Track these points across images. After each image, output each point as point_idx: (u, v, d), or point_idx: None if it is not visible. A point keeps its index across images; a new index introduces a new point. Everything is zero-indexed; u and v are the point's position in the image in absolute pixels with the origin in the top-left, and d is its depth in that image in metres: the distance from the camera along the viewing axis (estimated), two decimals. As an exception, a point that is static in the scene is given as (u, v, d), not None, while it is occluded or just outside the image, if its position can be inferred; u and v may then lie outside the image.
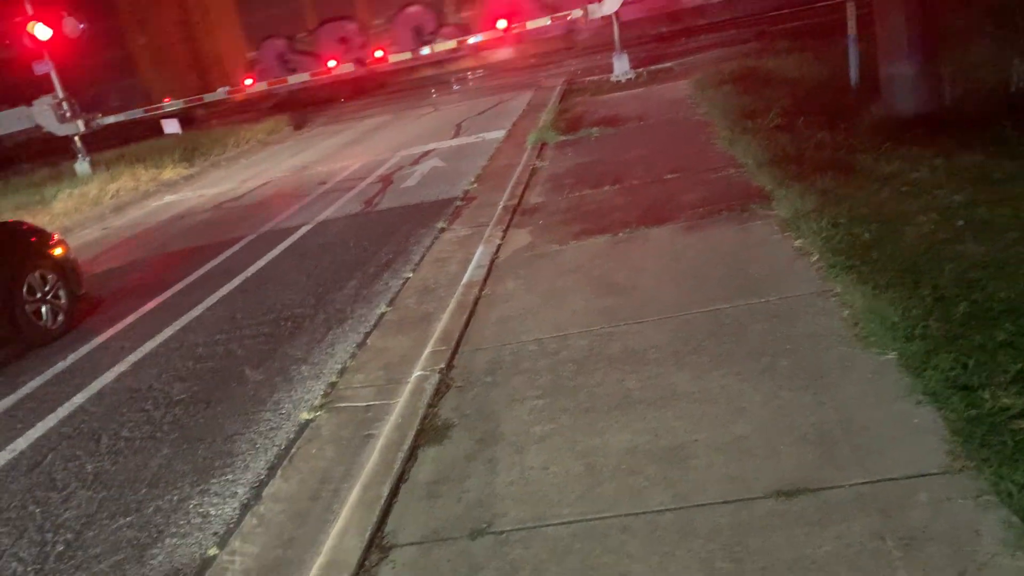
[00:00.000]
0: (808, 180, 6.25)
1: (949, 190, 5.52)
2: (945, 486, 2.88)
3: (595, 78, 17.41)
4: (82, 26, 17.41)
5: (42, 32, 16.97)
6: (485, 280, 6.26)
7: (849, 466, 3.13)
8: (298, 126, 21.64)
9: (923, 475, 2.97)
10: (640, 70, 16.38)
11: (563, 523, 3.22)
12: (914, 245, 4.74)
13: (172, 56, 30.22)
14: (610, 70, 16.62)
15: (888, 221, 5.18)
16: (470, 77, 25.85)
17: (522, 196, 8.65)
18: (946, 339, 3.65)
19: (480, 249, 7.00)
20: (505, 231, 7.47)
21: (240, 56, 30.21)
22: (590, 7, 16.47)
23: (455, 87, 24.00)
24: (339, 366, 5.47)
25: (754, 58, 13.67)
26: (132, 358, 6.50)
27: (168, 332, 6.94)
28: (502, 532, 3.25)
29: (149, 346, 6.69)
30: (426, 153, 13.36)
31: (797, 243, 5.39)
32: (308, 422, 4.75)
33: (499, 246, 7.05)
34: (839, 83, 9.63)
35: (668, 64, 16.91)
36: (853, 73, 9.44)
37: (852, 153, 6.82)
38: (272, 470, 4.34)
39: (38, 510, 4.47)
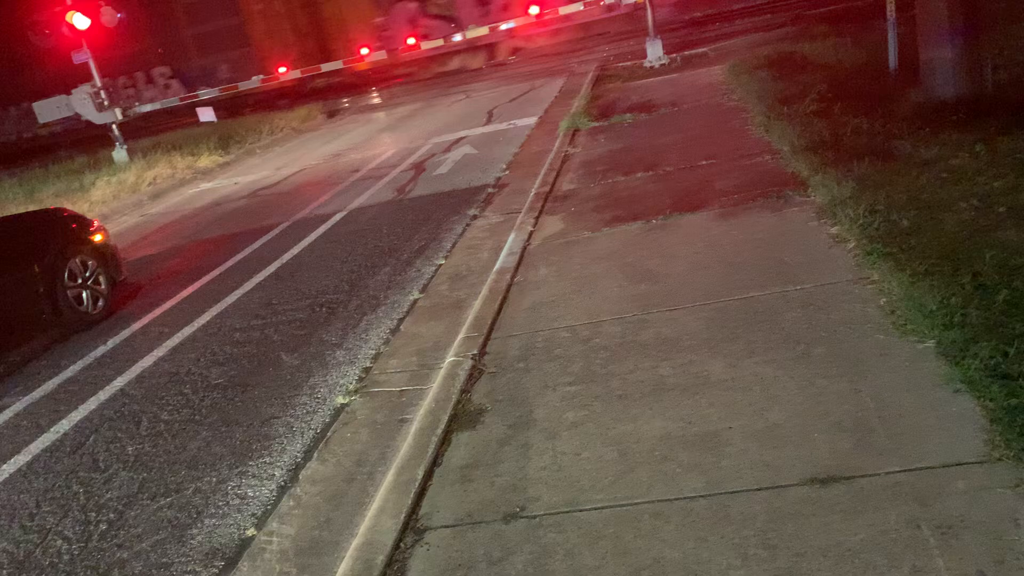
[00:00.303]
0: (845, 166, 6.17)
1: (990, 176, 5.42)
2: (983, 475, 2.85)
3: (628, 64, 17.29)
4: (120, 16, 17.63)
5: (80, 22, 17.22)
6: (517, 267, 6.28)
7: (885, 454, 3.11)
8: (331, 114, 21.77)
9: (960, 464, 2.94)
10: (674, 55, 16.24)
11: (596, 508, 3.24)
12: (954, 232, 4.67)
13: (290, 23, 29.17)
14: (643, 56, 16.50)
15: (927, 208, 5.10)
16: (503, 63, 25.79)
17: (554, 183, 8.64)
18: (986, 327, 3.59)
19: (512, 236, 7.02)
20: (537, 218, 7.47)
21: (365, 22, 28.81)
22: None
23: (487, 73, 23.96)
24: (373, 351, 5.53)
25: (790, 43, 13.48)
26: (171, 343, 6.62)
27: (206, 317, 7.05)
28: (535, 516, 3.28)
29: (187, 331, 6.81)
30: (458, 140, 13.38)
31: (833, 230, 5.34)
32: (343, 406, 4.81)
33: (531, 233, 7.06)
34: (877, 68, 9.46)
35: (702, 49, 16.73)
36: (892, 57, 9.27)
37: (890, 139, 6.71)
38: (308, 453, 4.41)
39: (81, 490, 4.58)
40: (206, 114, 19.18)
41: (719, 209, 6.43)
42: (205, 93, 19.97)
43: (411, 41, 19.71)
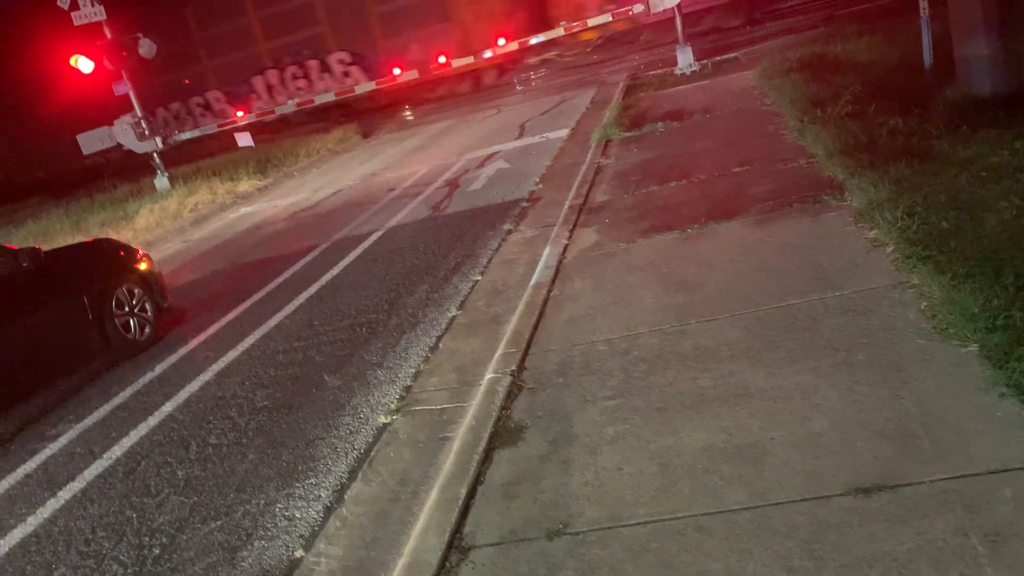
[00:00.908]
0: (881, 168, 6.11)
1: (1031, 173, 5.33)
2: (1032, 481, 2.81)
3: (658, 72, 17.26)
4: (155, 47, 18.08)
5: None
6: (553, 281, 6.31)
7: (930, 461, 3.08)
8: (366, 134, 22.03)
9: (1008, 470, 2.90)
10: (704, 62, 16.17)
11: (639, 523, 3.25)
12: (995, 232, 4.60)
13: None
14: (674, 63, 16.45)
15: (966, 208, 5.03)
16: (533, 77, 25.89)
17: (588, 195, 8.67)
18: (1030, 329, 3.54)
19: (547, 250, 7.05)
20: (572, 231, 7.49)
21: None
22: (652, 0, 16.34)
23: (518, 87, 24.08)
24: (413, 370, 5.60)
25: (822, 44, 13.34)
26: (216, 367, 6.76)
27: (250, 341, 7.18)
28: (578, 533, 3.30)
29: (232, 355, 6.94)
30: (491, 155, 13.47)
31: (871, 234, 5.28)
32: (386, 426, 4.87)
33: (566, 246, 7.08)
34: (912, 66, 9.35)
35: (733, 54, 16.64)
36: (926, 55, 9.16)
37: (927, 138, 6.63)
38: (353, 473, 4.48)
39: (135, 515, 4.70)
40: (244, 139, 19.54)
41: (755, 216, 6.39)
42: (242, 120, 20.33)
43: (442, 59, 19.87)
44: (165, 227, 14.88)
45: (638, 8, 16.79)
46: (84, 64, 17.71)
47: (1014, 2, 7.39)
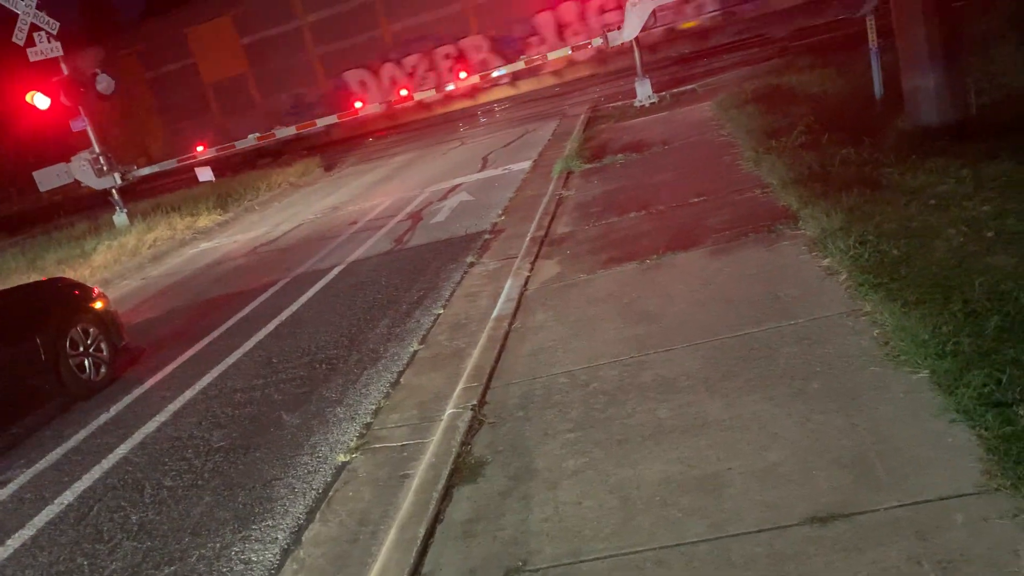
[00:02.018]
0: (834, 198, 6.22)
1: (977, 201, 5.46)
2: (982, 506, 2.84)
3: (618, 104, 17.49)
4: (114, 83, 17.93)
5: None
6: (515, 313, 6.31)
7: (884, 489, 3.10)
8: (328, 167, 21.98)
9: (959, 496, 2.93)
10: (663, 93, 16.43)
11: (598, 558, 3.22)
12: (943, 259, 4.70)
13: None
14: (633, 95, 16.69)
15: (916, 236, 5.14)
16: (496, 109, 26.10)
17: (549, 226, 8.71)
18: (978, 355, 3.61)
19: (509, 282, 7.05)
20: (533, 262, 7.52)
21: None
22: (610, 35, 16.59)
23: (482, 119, 24.24)
24: (373, 406, 5.54)
25: (777, 75, 13.64)
26: (173, 407, 6.64)
27: (207, 379, 7.07)
28: (538, 570, 3.26)
29: (189, 394, 6.82)
30: (454, 187, 13.50)
31: (825, 262, 5.36)
32: (345, 464, 4.81)
33: (528, 278, 7.10)
34: (863, 97, 9.57)
35: (691, 86, 16.93)
36: (877, 86, 9.39)
37: (878, 168, 6.77)
38: (311, 514, 4.40)
39: (86, 563, 4.56)
40: (204, 174, 19.38)
41: (712, 246, 6.47)
42: (202, 155, 20.18)
43: (403, 92, 19.96)
44: (123, 264, 14.66)
45: (597, 42, 17.04)
46: (40, 100, 17.50)
47: (958, 35, 7.62)
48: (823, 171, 7.09)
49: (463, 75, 19.68)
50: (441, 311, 7.11)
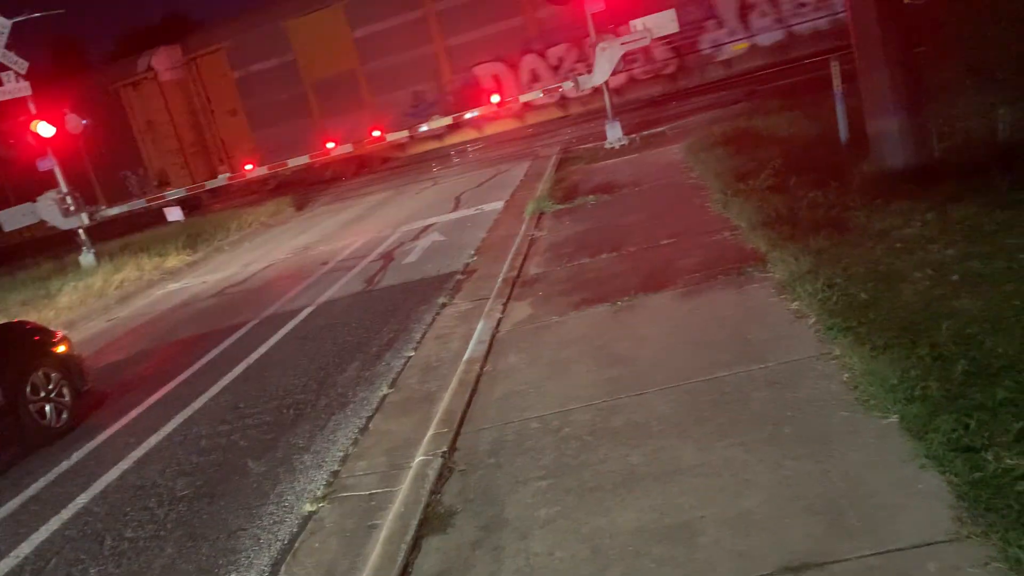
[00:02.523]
0: (802, 240, 6.28)
1: (942, 244, 5.54)
2: (953, 554, 2.83)
3: (589, 146, 17.65)
4: (84, 122, 17.81)
5: (45, 130, 17.39)
6: (487, 356, 6.26)
7: (857, 537, 3.08)
8: (300, 207, 21.91)
9: (931, 543, 2.91)
10: (633, 136, 16.61)
11: (570, 611, 3.16)
12: (910, 303, 4.74)
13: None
14: (603, 137, 16.87)
15: (883, 279, 5.19)
16: (469, 149, 26.24)
17: (521, 267, 8.71)
18: (946, 399, 3.62)
19: (481, 324, 7.02)
20: (506, 304, 7.49)
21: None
22: (580, 78, 16.81)
23: (455, 159, 24.35)
24: (341, 453, 5.44)
25: (745, 118, 13.85)
26: (136, 454, 6.48)
27: (172, 425, 6.92)
28: (508, 624, 3.19)
29: (153, 440, 6.67)
30: (426, 227, 13.50)
31: (794, 305, 5.39)
32: (312, 514, 4.70)
33: (500, 320, 7.07)
34: (829, 140, 9.73)
35: (660, 128, 17.15)
36: (842, 129, 9.55)
37: (845, 211, 6.86)
38: (276, 566, 4.29)
39: (41, 619, 4.40)
40: (173, 214, 19.24)
41: (683, 288, 6.49)
42: (172, 193, 20.06)
43: (376, 133, 20.02)
44: (89, 305, 14.42)
45: (568, 85, 17.25)
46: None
47: (920, 80, 7.79)
48: (791, 214, 7.17)
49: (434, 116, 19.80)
50: (412, 353, 7.05)
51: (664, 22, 15.55)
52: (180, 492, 5.55)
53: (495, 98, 18.97)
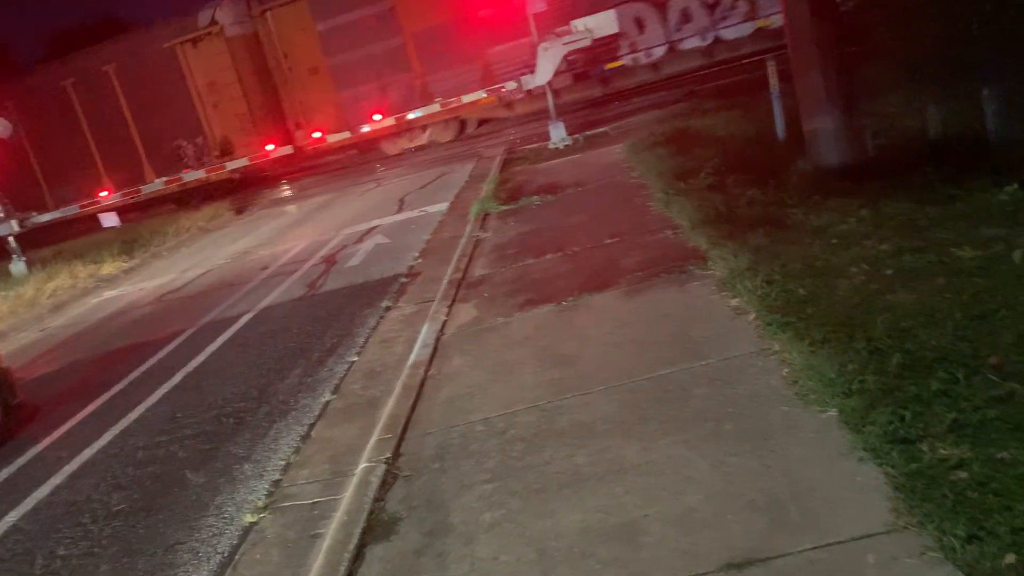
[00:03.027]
0: (741, 238, 6.36)
1: (877, 240, 5.66)
2: (891, 545, 2.87)
3: (533, 146, 17.67)
4: (12, 127, 17.22)
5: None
6: (431, 359, 6.20)
7: (798, 531, 3.11)
8: (240, 210, 21.50)
9: (870, 535, 2.96)
10: (576, 136, 16.67)
11: (516, 616, 3.13)
12: (846, 298, 4.83)
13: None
14: (547, 138, 16.90)
15: (820, 275, 5.27)
16: (413, 150, 26.06)
17: (467, 269, 8.66)
18: (883, 392, 3.69)
19: (426, 327, 6.95)
20: (451, 306, 7.44)
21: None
22: (523, 79, 16.82)
23: (399, 161, 24.15)
24: (283, 462, 5.33)
25: (684, 118, 14.01)
26: (69, 468, 6.26)
27: (107, 437, 6.71)
28: (453, 631, 3.14)
29: (87, 454, 6.46)
30: (370, 230, 13.35)
31: (734, 302, 5.45)
32: (252, 525, 4.59)
33: (444, 322, 7.01)
34: (767, 138, 9.89)
35: (603, 129, 17.24)
36: (779, 128, 9.72)
37: (782, 208, 6.96)
38: (216, 580, 4.17)
39: (-34, 645, 4.21)
40: (109, 219, 18.72)
41: (626, 287, 6.52)
42: (107, 200, 19.51)
43: (317, 135, 19.75)
44: (20, 316, 13.92)
45: (511, 85, 17.24)
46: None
47: (854, 79, 7.96)
48: (730, 212, 7.26)
49: (377, 117, 19.58)
50: (355, 358, 6.95)
51: (605, 22, 15.63)
52: (116, 506, 5.38)
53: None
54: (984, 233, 5.26)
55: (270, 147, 21.56)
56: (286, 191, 24.00)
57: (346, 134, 20.18)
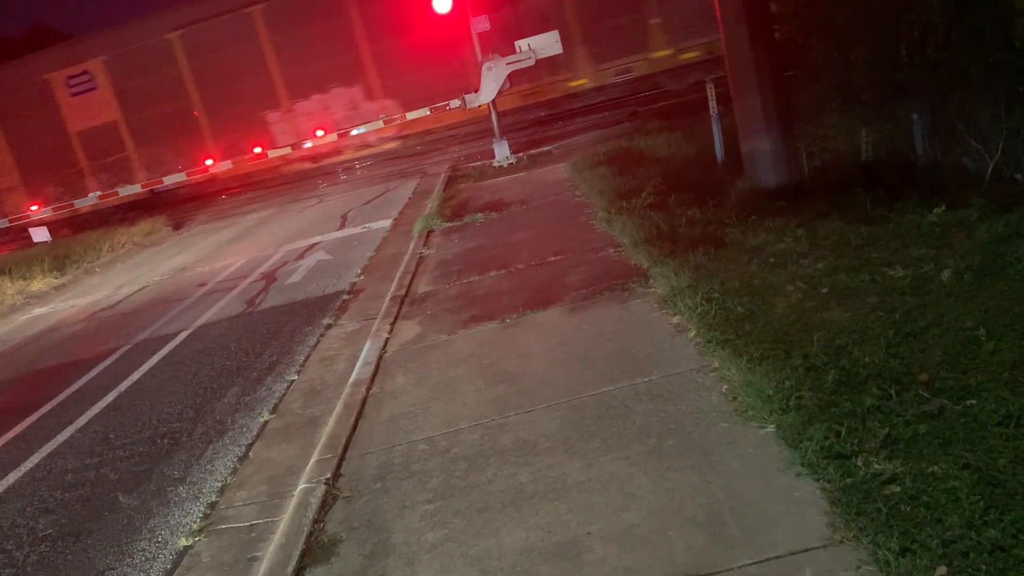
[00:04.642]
0: (681, 256, 6.46)
1: (812, 259, 5.80)
2: (828, 559, 2.92)
3: (478, 164, 17.73)
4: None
5: None
6: (373, 377, 6.14)
7: (737, 546, 3.14)
8: (177, 226, 21.06)
9: (807, 550, 3.00)
10: (520, 155, 16.79)
11: (457, 637, 3.09)
12: (784, 315, 4.93)
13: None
14: (492, 156, 16.98)
15: (758, 293, 5.38)
16: (357, 167, 25.91)
17: (410, 286, 8.61)
18: (819, 408, 3.77)
19: (368, 344, 6.88)
20: (393, 323, 7.38)
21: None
22: (467, 97, 16.88)
23: (342, 176, 23.98)
24: (219, 483, 5.18)
25: (627, 139, 14.21)
26: (-8, 492, 6.01)
27: (34, 459, 6.45)
28: (394, 654, 3.09)
29: (12, 477, 6.20)
30: (311, 246, 13.19)
31: (675, 320, 5.52)
32: (187, 548, 4.45)
33: (387, 340, 6.95)
34: (706, 159, 10.09)
35: (547, 148, 17.41)
36: (718, 149, 9.92)
37: (721, 227, 7.10)
38: (147, 607, 4.03)
39: None
40: (40, 234, 18.15)
41: (570, 304, 6.55)
42: (37, 214, 18.94)
43: (257, 150, 19.49)
44: (-58, 333, 13.37)
45: (455, 103, 17.29)
46: None
47: (790, 102, 8.18)
48: (671, 231, 7.37)
49: (320, 132, 19.41)
50: (295, 377, 6.83)
51: (548, 43, 15.79)
52: (42, 531, 5.16)
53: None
54: (914, 253, 5.44)
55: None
56: (226, 206, 23.59)
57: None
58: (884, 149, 7.84)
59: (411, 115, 18.62)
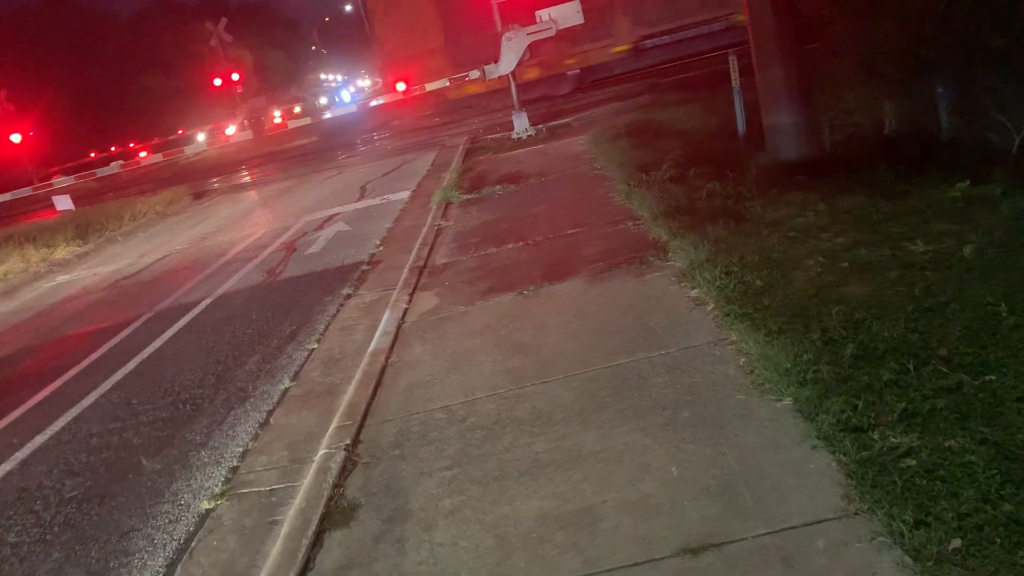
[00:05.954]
0: (701, 230, 6.43)
1: (833, 233, 5.76)
2: (842, 530, 2.94)
3: (497, 136, 17.67)
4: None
5: None
6: (392, 347, 6.19)
7: (751, 517, 3.17)
8: (198, 195, 21.19)
9: (821, 521, 3.02)
10: (539, 127, 16.70)
11: (474, 601, 3.15)
12: (802, 289, 4.91)
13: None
14: (511, 128, 16.90)
15: (777, 267, 5.36)
16: (376, 138, 25.91)
17: (428, 257, 8.64)
18: (836, 382, 3.77)
19: (386, 315, 6.93)
20: (412, 294, 7.42)
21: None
22: (487, 68, 16.78)
23: (361, 148, 23.99)
24: (241, 449, 5.28)
25: (647, 111, 14.11)
26: (20, 455, 6.13)
27: (60, 423, 6.58)
28: (411, 616, 3.15)
29: (39, 440, 6.33)
30: (331, 217, 13.24)
31: (693, 293, 5.52)
32: (209, 511, 4.54)
33: (405, 310, 6.99)
34: (727, 132, 10.00)
35: (566, 120, 17.31)
36: (740, 123, 9.83)
37: (741, 201, 7.06)
38: (171, 567, 4.12)
39: (-89, 634, 4.12)
40: (63, 202, 18.31)
41: (587, 277, 6.56)
42: (60, 182, 19.09)
43: (277, 120, 19.52)
44: (-32, 300, 13.59)
45: (475, 75, 17.20)
46: None
47: (812, 76, 8.08)
48: (690, 204, 7.34)
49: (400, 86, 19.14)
50: (315, 346, 6.90)
51: (569, 13, 15.64)
52: (68, 493, 5.28)
53: (400, 85, 18.70)
54: (936, 228, 5.39)
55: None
56: (247, 177, 23.70)
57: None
58: (907, 123, 7.74)
59: (431, 86, 18.53)
